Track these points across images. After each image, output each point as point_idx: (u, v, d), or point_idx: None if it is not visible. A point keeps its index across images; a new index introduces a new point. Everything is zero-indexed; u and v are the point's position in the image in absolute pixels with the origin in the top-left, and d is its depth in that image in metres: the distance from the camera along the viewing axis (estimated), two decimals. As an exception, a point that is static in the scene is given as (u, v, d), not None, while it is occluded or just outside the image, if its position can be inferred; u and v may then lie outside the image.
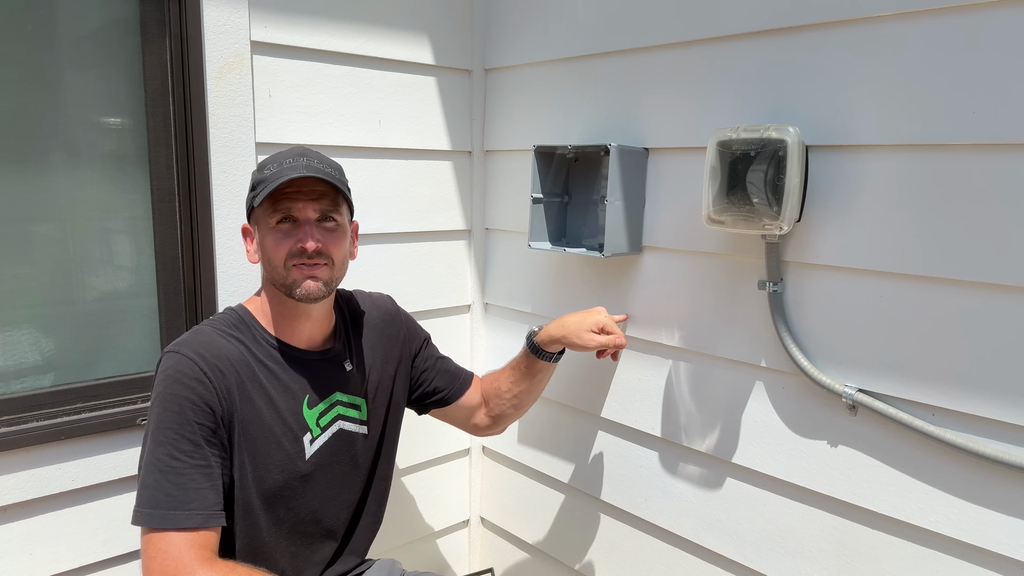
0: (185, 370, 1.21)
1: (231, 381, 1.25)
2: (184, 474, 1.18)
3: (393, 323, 1.58)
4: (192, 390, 1.20)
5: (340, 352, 1.44)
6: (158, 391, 1.22)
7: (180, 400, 1.19)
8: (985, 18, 1.14)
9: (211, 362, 1.23)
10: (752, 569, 1.55)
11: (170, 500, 1.16)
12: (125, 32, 1.53)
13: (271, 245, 1.29)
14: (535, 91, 1.91)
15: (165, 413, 1.19)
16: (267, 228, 1.29)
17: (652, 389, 1.70)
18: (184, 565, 1.13)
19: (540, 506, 2.05)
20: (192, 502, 1.17)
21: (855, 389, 1.32)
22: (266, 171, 1.29)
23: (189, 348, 1.24)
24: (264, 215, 1.29)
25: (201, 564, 1.14)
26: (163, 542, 1.15)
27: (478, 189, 2.10)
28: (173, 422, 1.19)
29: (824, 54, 1.32)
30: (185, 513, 1.16)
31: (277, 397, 1.32)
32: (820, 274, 1.37)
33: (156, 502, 1.16)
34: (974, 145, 1.16)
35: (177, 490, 1.17)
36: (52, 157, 1.48)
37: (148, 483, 1.17)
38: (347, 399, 1.43)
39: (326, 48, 1.73)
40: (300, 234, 1.28)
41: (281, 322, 1.35)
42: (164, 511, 1.15)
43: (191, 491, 1.18)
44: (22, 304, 1.48)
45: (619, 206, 1.59)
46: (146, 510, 1.16)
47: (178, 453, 1.18)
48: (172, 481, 1.17)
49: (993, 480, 1.19)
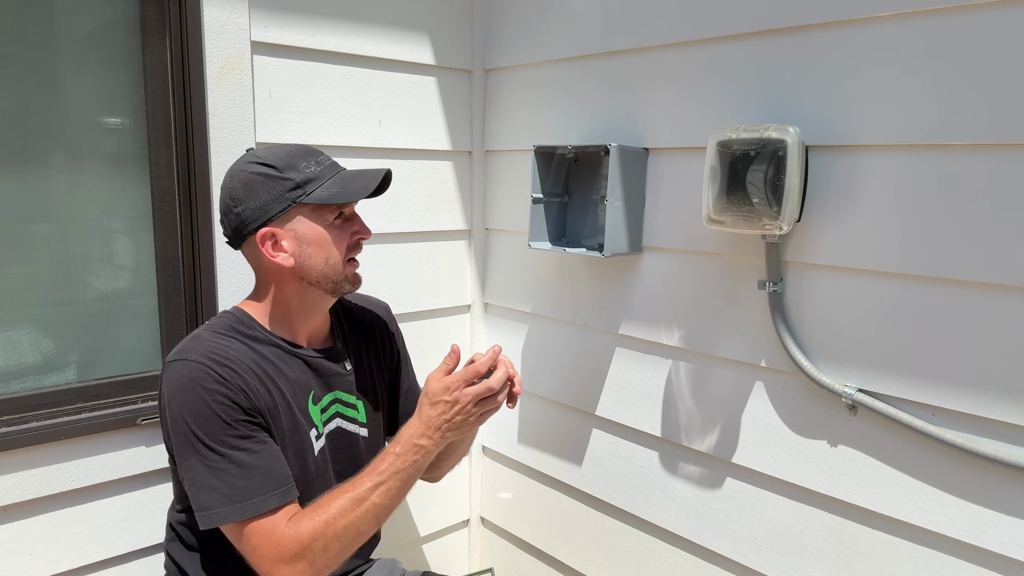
0: (199, 376, 1.19)
1: (245, 379, 1.23)
2: (244, 466, 1.18)
3: (387, 328, 1.59)
4: (215, 393, 1.18)
5: (340, 352, 1.44)
6: (180, 402, 1.18)
7: (208, 407, 1.17)
8: (985, 18, 1.14)
9: (221, 363, 1.21)
10: (752, 569, 1.55)
11: (242, 493, 1.17)
12: (125, 32, 1.53)
13: (334, 240, 1.29)
14: (535, 91, 1.91)
15: (200, 423, 1.17)
16: (326, 224, 1.29)
17: (652, 389, 1.70)
18: (286, 538, 1.17)
19: (540, 506, 2.05)
20: (263, 487, 1.18)
21: (855, 389, 1.32)
22: (307, 170, 1.27)
23: (196, 354, 1.21)
24: (315, 213, 1.27)
25: (290, 527, 1.18)
26: (257, 529, 1.17)
27: (478, 189, 2.10)
28: (211, 429, 1.17)
29: (824, 54, 1.32)
30: (262, 499, 1.17)
31: (288, 393, 1.30)
32: (820, 274, 1.37)
33: (231, 498, 1.16)
34: (974, 145, 1.16)
35: (244, 481, 1.17)
36: (52, 157, 1.48)
37: (213, 486, 1.17)
38: (346, 398, 1.43)
39: (326, 48, 1.74)
40: (355, 226, 1.32)
41: (288, 320, 1.34)
42: (241, 504, 1.17)
43: (258, 477, 1.18)
44: (22, 304, 1.48)
45: (619, 206, 1.59)
46: (223, 510, 1.16)
47: (229, 451, 1.17)
48: (236, 475, 1.17)
49: (993, 480, 1.19)
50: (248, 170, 1.27)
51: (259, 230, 1.26)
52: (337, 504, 1.19)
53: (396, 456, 1.23)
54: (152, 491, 1.60)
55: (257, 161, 1.27)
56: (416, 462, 1.23)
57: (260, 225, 1.26)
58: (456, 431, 1.25)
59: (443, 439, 1.24)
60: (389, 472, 1.22)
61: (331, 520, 1.18)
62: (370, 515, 1.20)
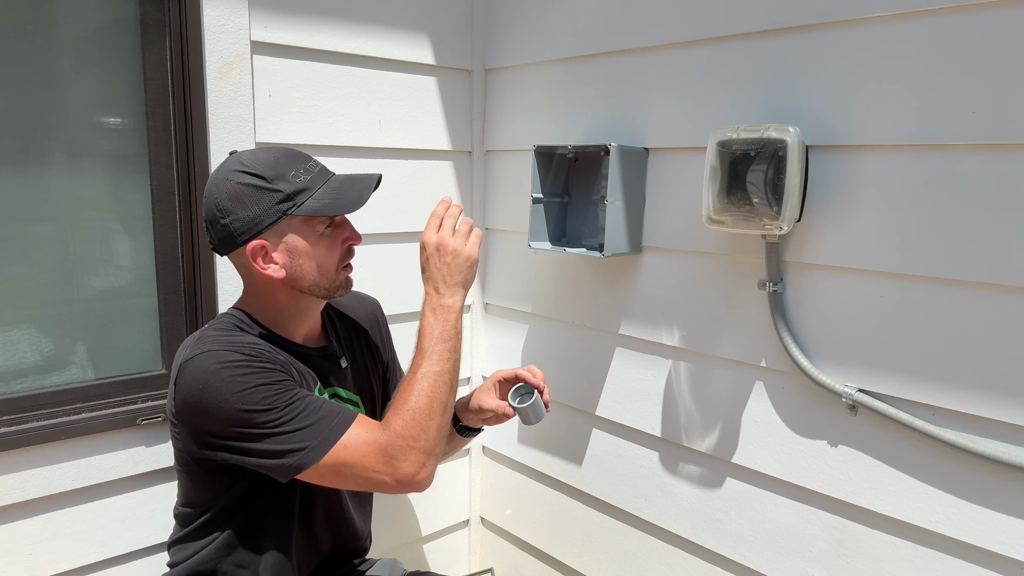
0: (227, 359, 1.17)
1: (268, 356, 1.22)
2: (306, 408, 1.18)
3: (379, 325, 1.61)
4: (252, 364, 1.17)
5: (336, 350, 1.44)
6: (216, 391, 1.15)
7: (246, 382, 1.15)
8: (984, 18, 1.14)
9: (240, 348, 1.20)
10: (752, 569, 1.55)
11: (324, 421, 1.17)
12: (125, 32, 1.53)
13: (325, 250, 1.28)
14: (535, 91, 1.91)
15: (247, 398, 1.15)
16: (316, 235, 1.26)
17: (652, 389, 1.70)
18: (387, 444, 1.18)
19: (540, 506, 2.05)
20: (336, 411, 1.19)
21: (855, 389, 1.32)
22: (296, 180, 1.23)
23: (213, 344, 1.19)
24: (305, 224, 1.25)
25: (384, 432, 1.19)
26: (357, 449, 1.17)
27: (478, 189, 2.10)
28: (259, 399, 1.15)
29: (824, 54, 1.32)
30: (341, 418, 1.18)
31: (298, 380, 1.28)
32: (820, 274, 1.37)
33: (317, 432, 1.16)
34: (974, 145, 1.16)
35: (317, 416, 1.17)
36: (52, 157, 1.48)
37: (294, 428, 1.16)
38: (345, 395, 1.44)
39: (326, 48, 1.73)
40: (346, 233, 1.31)
41: (283, 322, 1.34)
42: (328, 428, 1.17)
43: (325, 408, 1.19)
44: (22, 304, 1.48)
45: (619, 206, 1.59)
46: (312, 443, 1.16)
47: (285, 408, 1.16)
48: (309, 410, 1.17)
49: (993, 480, 1.19)
50: (235, 180, 1.21)
51: (248, 243, 1.23)
52: (408, 392, 1.21)
53: (429, 328, 1.26)
54: (152, 491, 1.60)
55: (244, 170, 1.22)
56: (448, 322, 1.27)
57: (250, 238, 1.22)
58: (461, 269, 1.29)
59: (457, 285, 1.29)
60: (433, 344, 1.25)
61: (415, 406, 1.19)
62: (442, 382, 1.23)
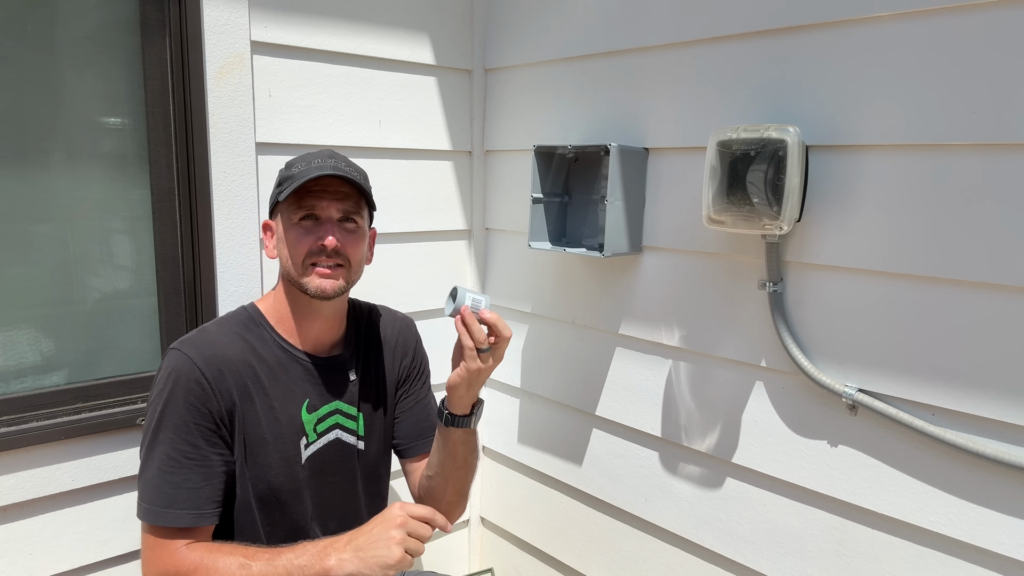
0: (184, 370, 1.24)
1: (230, 382, 1.26)
2: (179, 473, 1.22)
3: (406, 346, 1.55)
4: (190, 391, 1.23)
5: (347, 360, 1.43)
6: (158, 389, 1.25)
7: (178, 401, 1.22)
8: (984, 18, 1.14)
9: (211, 362, 1.25)
10: (752, 569, 1.55)
11: (164, 498, 1.22)
12: (125, 32, 1.53)
13: (292, 240, 1.30)
14: (535, 91, 1.91)
15: (165, 412, 1.23)
16: (290, 224, 1.31)
17: (652, 389, 1.70)
18: (173, 559, 1.21)
19: (540, 506, 2.05)
20: (184, 501, 1.22)
21: (855, 389, 1.32)
22: (294, 169, 1.32)
23: (191, 347, 1.27)
24: (288, 211, 1.31)
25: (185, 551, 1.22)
26: (157, 537, 1.23)
27: (478, 189, 2.10)
28: (171, 423, 1.22)
29: (824, 54, 1.32)
30: (176, 512, 1.22)
31: (276, 399, 1.32)
32: (820, 274, 1.37)
33: (153, 499, 1.22)
34: (974, 145, 1.16)
35: (172, 489, 1.22)
36: (52, 157, 1.48)
37: (147, 478, 1.23)
38: (347, 409, 1.43)
39: (326, 48, 1.74)
40: (321, 231, 1.30)
41: (291, 321, 1.36)
42: (159, 508, 1.22)
43: (185, 490, 1.22)
44: (22, 304, 1.48)
45: (619, 206, 1.59)
46: (144, 504, 1.23)
47: (175, 453, 1.22)
48: (168, 480, 1.22)
49: (993, 480, 1.19)
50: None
51: (265, 220, 1.41)
52: (227, 560, 1.19)
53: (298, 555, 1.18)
54: (152, 491, 1.60)
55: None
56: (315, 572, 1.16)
57: (269, 216, 1.40)
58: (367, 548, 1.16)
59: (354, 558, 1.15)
60: (285, 568, 1.17)
61: (214, 570, 1.19)
62: None
